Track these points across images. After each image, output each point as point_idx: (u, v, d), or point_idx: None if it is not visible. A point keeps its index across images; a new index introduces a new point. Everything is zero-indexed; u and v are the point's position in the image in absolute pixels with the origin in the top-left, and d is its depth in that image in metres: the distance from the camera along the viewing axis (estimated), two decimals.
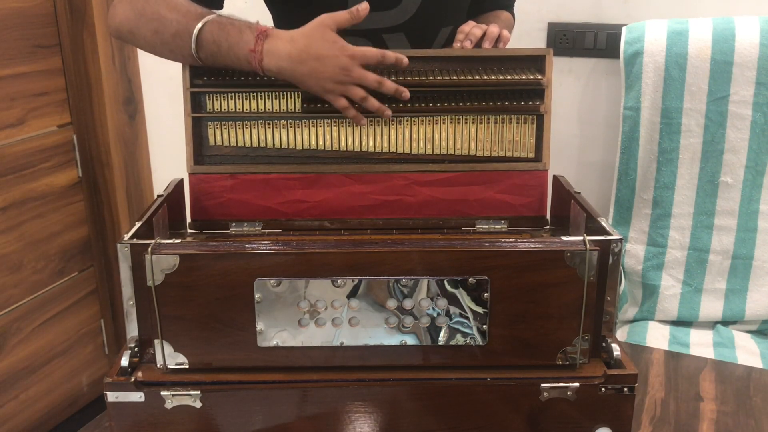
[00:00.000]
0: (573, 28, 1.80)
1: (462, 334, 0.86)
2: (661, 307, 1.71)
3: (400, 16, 1.18)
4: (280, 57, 0.99)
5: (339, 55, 0.98)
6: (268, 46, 0.99)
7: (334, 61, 0.98)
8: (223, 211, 1.10)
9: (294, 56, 0.98)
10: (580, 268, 0.83)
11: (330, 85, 1.00)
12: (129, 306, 0.85)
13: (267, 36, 0.99)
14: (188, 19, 1.01)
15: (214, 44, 1.00)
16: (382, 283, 0.84)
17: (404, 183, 1.10)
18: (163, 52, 1.06)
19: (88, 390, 2.26)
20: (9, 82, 1.87)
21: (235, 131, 1.09)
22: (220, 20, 1.01)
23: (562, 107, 1.83)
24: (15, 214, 1.93)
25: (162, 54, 1.06)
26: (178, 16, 1.02)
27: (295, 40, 0.99)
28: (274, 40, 0.99)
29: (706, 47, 1.58)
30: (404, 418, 0.87)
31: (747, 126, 1.59)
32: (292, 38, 0.99)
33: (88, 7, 1.98)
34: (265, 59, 0.99)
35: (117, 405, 0.85)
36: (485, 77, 1.07)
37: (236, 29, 1.00)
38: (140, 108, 2.22)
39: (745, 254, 1.65)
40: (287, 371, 0.87)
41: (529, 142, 1.10)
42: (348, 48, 0.99)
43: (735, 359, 1.52)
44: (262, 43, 0.99)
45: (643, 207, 1.70)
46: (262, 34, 0.99)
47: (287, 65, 0.99)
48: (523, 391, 0.86)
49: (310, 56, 0.98)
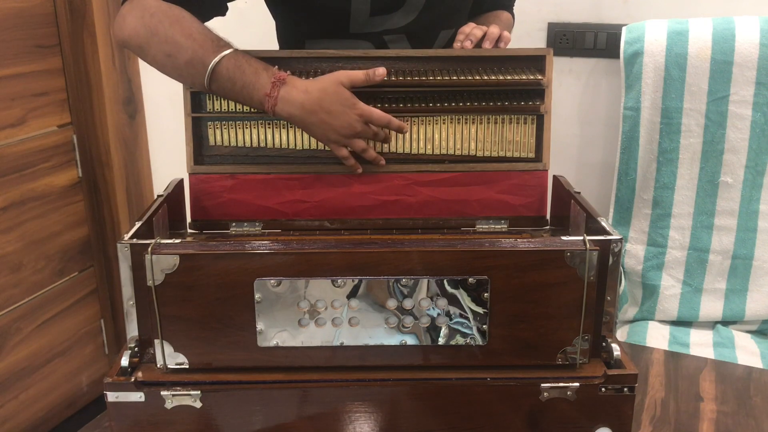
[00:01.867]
0: (573, 28, 1.80)
1: (462, 334, 0.86)
2: (661, 307, 1.71)
3: (402, 19, 1.18)
4: (294, 105, 1.01)
5: (349, 113, 1.02)
6: (283, 93, 1.01)
7: (344, 117, 1.02)
8: (223, 211, 1.10)
9: (307, 107, 1.01)
10: (580, 268, 0.83)
11: (335, 137, 1.03)
12: (129, 306, 0.85)
13: (283, 83, 1.01)
14: (205, 50, 1.01)
15: (229, 81, 1.01)
16: (382, 283, 0.84)
17: (404, 183, 1.10)
18: (171, 74, 1.06)
19: (88, 390, 2.26)
20: (9, 82, 1.87)
21: (235, 131, 1.09)
22: (236, 57, 1.02)
23: (562, 107, 1.83)
24: (15, 214, 1.93)
25: (170, 75, 1.06)
26: (194, 44, 1.01)
27: (309, 92, 1.01)
28: (290, 89, 1.01)
29: (706, 47, 1.58)
30: (404, 418, 0.87)
31: (747, 126, 1.59)
32: (307, 90, 1.01)
33: (88, 7, 1.98)
34: (278, 105, 1.01)
35: (117, 405, 0.85)
36: (485, 77, 1.07)
37: (253, 70, 1.01)
38: (140, 108, 2.22)
39: (745, 254, 1.65)
40: (287, 371, 0.87)
41: (529, 142, 1.10)
42: (358, 107, 1.02)
43: (735, 359, 1.52)
44: (278, 89, 1.01)
45: (643, 207, 1.70)
46: (279, 81, 1.01)
47: (298, 114, 1.01)
48: (523, 391, 0.86)
49: (322, 109, 1.01)
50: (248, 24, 1.43)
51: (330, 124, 1.02)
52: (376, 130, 1.05)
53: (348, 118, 1.02)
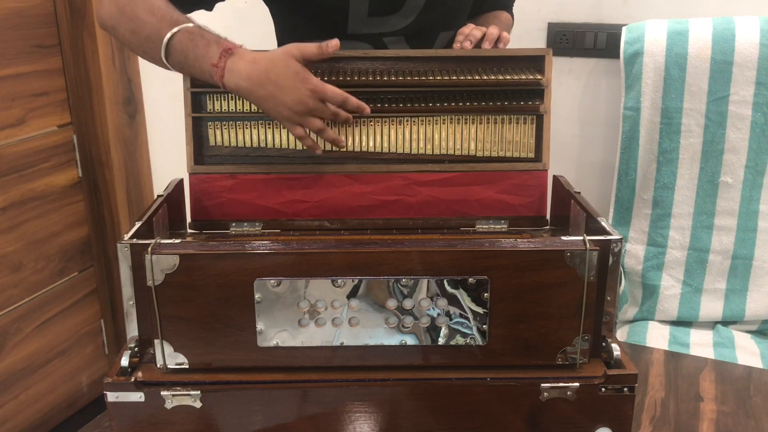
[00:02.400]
0: (573, 28, 1.80)
1: (462, 334, 0.86)
2: (661, 307, 1.71)
3: (401, 21, 1.18)
4: (241, 76, 0.98)
5: (299, 87, 0.98)
6: (230, 63, 0.99)
7: (294, 92, 0.98)
8: (223, 211, 1.10)
9: (254, 78, 0.98)
10: (580, 268, 0.83)
11: (287, 113, 1.00)
12: (129, 306, 0.85)
13: (231, 54, 0.99)
14: (162, 25, 1.01)
15: (182, 54, 1.01)
16: (382, 283, 0.84)
17: (404, 183, 1.10)
18: (139, 52, 1.07)
19: (88, 390, 2.26)
20: (9, 82, 1.87)
21: (235, 131, 1.09)
22: (191, 30, 1.01)
23: (562, 107, 1.83)
24: (15, 214, 1.93)
25: (139, 54, 1.08)
26: (153, 20, 1.02)
27: (257, 62, 0.99)
28: (237, 60, 0.99)
29: (706, 47, 1.58)
30: (404, 418, 0.87)
31: (747, 126, 1.59)
32: (254, 59, 0.99)
33: (88, 7, 1.98)
34: (226, 75, 0.99)
35: (117, 405, 0.85)
36: (485, 77, 1.07)
37: (204, 42, 1.00)
38: (140, 108, 2.22)
39: (745, 254, 1.65)
40: (287, 371, 0.87)
41: (529, 142, 1.10)
42: (310, 80, 0.98)
43: (735, 359, 1.52)
44: (225, 60, 0.99)
45: (643, 207, 1.70)
46: (226, 51, 0.99)
47: (245, 85, 0.99)
48: (523, 391, 0.86)
49: (270, 81, 0.98)
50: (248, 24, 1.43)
51: (280, 99, 0.98)
52: (334, 109, 1.01)
53: (299, 94, 0.98)
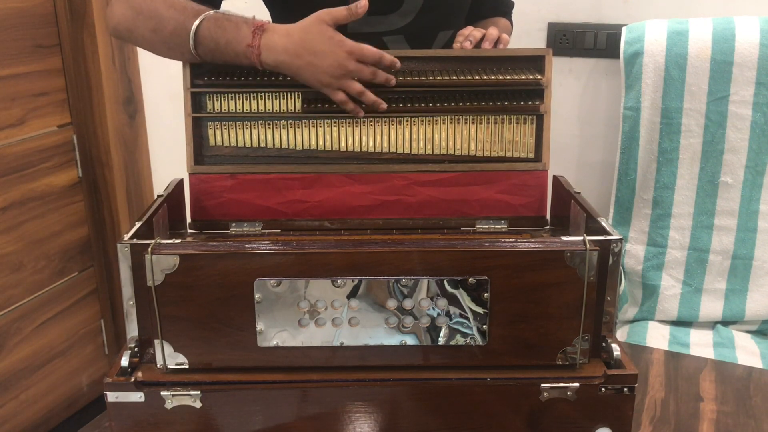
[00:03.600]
0: (573, 28, 1.80)
1: (462, 334, 0.86)
2: (661, 307, 1.71)
3: (400, 20, 1.18)
4: (278, 51, 0.99)
5: (336, 50, 0.99)
6: (265, 40, 0.99)
7: (331, 56, 0.98)
8: (223, 211, 1.10)
9: (291, 50, 0.99)
10: (580, 268, 0.83)
11: (327, 79, 1.00)
12: (129, 306, 0.85)
13: (264, 31, 0.99)
14: (186, 17, 1.01)
15: (212, 41, 1.01)
16: (382, 283, 0.84)
17: (404, 183, 1.10)
18: (162, 50, 1.06)
19: (88, 390, 2.26)
20: (9, 82, 1.87)
21: (235, 131, 1.09)
22: (216, 16, 1.01)
23: (562, 107, 1.83)
24: (15, 214, 1.93)
25: (161, 52, 1.07)
26: (175, 13, 1.02)
27: (291, 34, 0.99)
28: (271, 35, 0.99)
29: (706, 47, 1.58)
30: (404, 418, 0.87)
31: (747, 126, 1.59)
32: (288, 32, 0.99)
33: (88, 7, 1.98)
34: (263, 54, 0.99)
35: (117, 405, 0.85)
36: (485, 77, 1.07)
37: (233, 25, 1.00)
38: (140, 108, 2.22)
39: (745, 254, 1.65)
40: (287, 371, 0.87)
41: (529, 142, 1.10)
42: (345, 43, 0.99)
43: (735, 359, 1.52)
44: (259, 38, 0.99)
45: (643, 207, 1.70)
46: (258, 29, 0.99)
47: (285, 59, 0.99)
48: (523, 391, 0.86)
49: (307, 50, 0.98)
50: None
51: (318, 66, 0.99)
52: (373, 69, 1.01)
53: (336, 57, 0.98)
